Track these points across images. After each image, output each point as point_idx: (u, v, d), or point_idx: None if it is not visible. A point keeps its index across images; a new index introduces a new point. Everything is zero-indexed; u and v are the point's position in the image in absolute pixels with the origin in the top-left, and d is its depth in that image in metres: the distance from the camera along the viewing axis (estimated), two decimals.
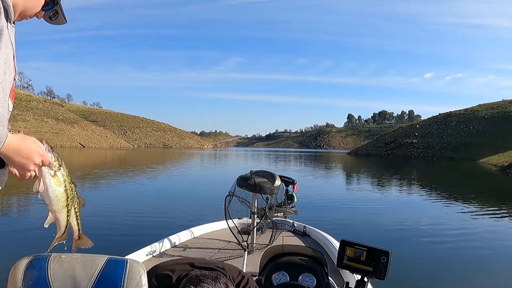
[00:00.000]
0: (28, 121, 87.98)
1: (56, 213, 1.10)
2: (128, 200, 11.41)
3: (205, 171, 26.49)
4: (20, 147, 0.95)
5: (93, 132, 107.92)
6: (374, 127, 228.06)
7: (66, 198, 1.10)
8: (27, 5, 1.02)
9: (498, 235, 7.85)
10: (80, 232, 1.16)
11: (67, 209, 1.12)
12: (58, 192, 1.07)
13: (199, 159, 45.10)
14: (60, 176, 1.07)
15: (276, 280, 1.98)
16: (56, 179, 1.05)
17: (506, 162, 35.91)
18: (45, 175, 1.03)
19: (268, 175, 3.49)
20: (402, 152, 77.22)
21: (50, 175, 1.04)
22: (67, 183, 1.09)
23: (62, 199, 1.08)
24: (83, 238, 1.18)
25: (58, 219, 1.12)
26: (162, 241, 3.36)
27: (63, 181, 1.07)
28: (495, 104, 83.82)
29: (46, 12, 1.10)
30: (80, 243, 1.19)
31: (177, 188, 15.73)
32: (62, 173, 1.07)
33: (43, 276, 1.17)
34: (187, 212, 9.27)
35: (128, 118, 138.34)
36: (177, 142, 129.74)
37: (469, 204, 12.22)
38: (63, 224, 1.14)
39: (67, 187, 1.09)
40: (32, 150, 0.97)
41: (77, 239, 1.17)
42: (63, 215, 1.12)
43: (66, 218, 1.13)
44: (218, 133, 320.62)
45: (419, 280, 4.84)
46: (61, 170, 1.07)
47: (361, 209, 10.98)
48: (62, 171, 1.07)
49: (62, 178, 1.07)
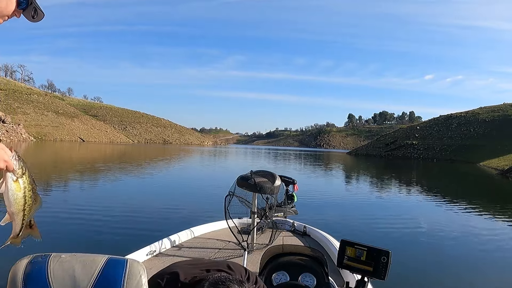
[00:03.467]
0: (29, 114, 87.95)
1: (12, 215, 1.19)
2: (128, 200, 11.37)
3: (204, 170, 26.49)
4: None
5: (93, 127, 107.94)
6: (375, 128, 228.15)
7: (24, 203, 1.18)
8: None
9: (498, 237, 7.87)
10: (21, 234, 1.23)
11: (23, 213, 1.19)
12: (17, 197, 1.16)
13: (199, 157, 45.13)
14: (21, 183, 1.16)
15: (276, 280, 1.97)
16: (17, 185, 1.15)
17: (506, 166, 35.94)
18: (8, 179, 1.13)
19: (268, 175, 3.49)
20: (402, 153, 77.28)
21: (12, 180, 1.14)
22: (27, 191, 1.18)
23: (20, 203, 1.17)
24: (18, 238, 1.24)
25: (14, 219, 1.20)
26: (162, 241, 3.35)
27: (23, 187, 1.17)
28: (496, 107, 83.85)
29: (26, 11, 1.16)
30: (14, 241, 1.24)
31: (177, 187, 15.71)
32: (24, 181, 1.16)
33: (43, 276, 1.16)
34: (187, 212, 9.25)
35: (129, 113, 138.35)
36: (177, 138, 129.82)
37: (469, 206, 12.23)
38: (18, 226, 1.21)
39: (26, 194, 1.18)
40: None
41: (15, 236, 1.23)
42: (19, 217, 1.20)
43: (22, 221, 1.21)
44: (219, 130, 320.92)
45: (419, 280, 4.85)
46: (23, 178, 1.16)
47: (361, 209, 11.00)
48: (24, 178, 1.16)
49: (23, 185, 1.16)
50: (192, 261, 1.51)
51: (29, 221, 1.24)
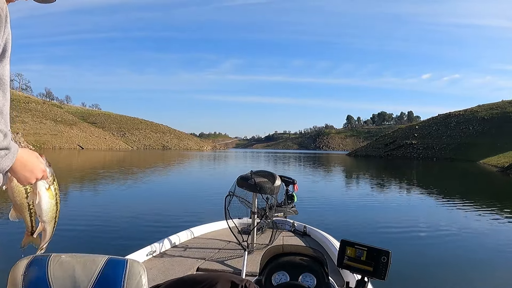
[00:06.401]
0: (27, 123, 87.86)
1: (45, 224, 1.17)
2: (128, 200, 11.41)
3: (204, 172, 26.48)
4: (26, 162, 1.00)
5: (92, 134, 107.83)
6: (373, 128, 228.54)
7: (56, 210, 1.17)
8: None
9: (499, 235, 7.85)
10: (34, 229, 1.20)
11: (55, 221, 1.18)
12: (51, 204, 1.14)
13: (198, 160, 45.10)
14: (53, 190, 1.14)
15: (276, 280, 1.97)
16: (49, 192, 1.13)
17: (506, 163, 35.93)
18: (41, 188, 1.10)
19: (268, 175, 3.49)
20: (402, 153, 77.31)
21: (45, 188, 1.11)
22: (58, 197, 1.17)
23: (53, 210, 1.15)
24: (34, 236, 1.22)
25: (46, 229, 1.18)
26: (162, 241, 3.35)
27: (55, 194, 1.15)
28: (495, 105, 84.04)
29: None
30: (32, 239, 1.22)
31: (177, 188, 15.73)
32: (55, 187, 1.15)
33: (43, 276, 1.16)
34: (187, 212, 9.26)
35: (127, 119, 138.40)
36: (176, 144, 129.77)
37: (469, 204, 12.22)
38: (49, 233, 1.20)
39: (57, 200, 1.16)
40: (36, 166, 1.04)
41: (30, 235, 1.21)
42: (51, 226, 1.19)
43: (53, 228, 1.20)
44: (217, 134, 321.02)
45: (419, 280, 4.83)
46: (54, 184, 1.14)
47: (361, 209, 10.99)
48: (55, 185, 1.14)
49: (54, 192, 1.14)
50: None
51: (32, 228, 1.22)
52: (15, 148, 0.96)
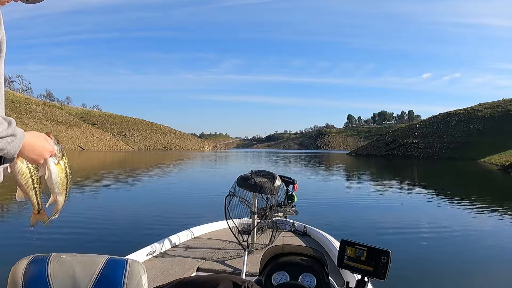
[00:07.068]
0: (27, 124, 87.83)
1: (57, 195, 1.22)
2: (128, 201, 11.42)
3: (205, 172, 26.48)
4: (34, 145, 1.06)
5: (93, 135, 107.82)
6: (374, 128, 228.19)
7: (66, 182, 1.22)
8: None
9: (500, 234, 7.83)
10: (40, 206, 1.24)
11: (66, 192, 1.23)
12: (61, 178, 1.19)
13: (199, 161, 45.09)
14: (62, 164, 1.19)
15: (276, 280, 1.97)
16: (59, 167, 1.18)
17: (507, 161, 35.92)
18: (50, 163, 1.15)
19: (269, 175, 3.49)
20: (402, 152, 77.28)
21: (54, 163, 1.16)
22: (67, 169, 1.22)
23: (63, 183, 1.21)
24: (42, 213, 1.25)
25: (58, 200, 1.23)
26: (162, 241, 3.35)
27: (65, 168, 1.20)
28: (495, 103, 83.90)
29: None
30: (39, 217, 1.25)
31: (177, 188, 15.73)
32: (64, 161, 1.20)
33: (43, 276, 1.17)
34: (187, 212, 9.27)
35: (128, 120, 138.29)
36: (176, 144, 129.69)
37: (470, 203, 12.21)
38: (61, 203, 1.25)
39: (67, 173, 1.22)
40: (44, 148, 1.09)
41: (37, 213, 1.24)
42: (62, 196, 1.23)
43: (64, 199, 1.25)
44: (218, 135, 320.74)
45: (419, 280, 4.83)
46: (63, 159, 1.20)
47: (361, 208, 10.98)
48: (64, 159, 1.20)
49: (64, 166, 1.20)
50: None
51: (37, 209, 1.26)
52: (21, 134, 1.01)
